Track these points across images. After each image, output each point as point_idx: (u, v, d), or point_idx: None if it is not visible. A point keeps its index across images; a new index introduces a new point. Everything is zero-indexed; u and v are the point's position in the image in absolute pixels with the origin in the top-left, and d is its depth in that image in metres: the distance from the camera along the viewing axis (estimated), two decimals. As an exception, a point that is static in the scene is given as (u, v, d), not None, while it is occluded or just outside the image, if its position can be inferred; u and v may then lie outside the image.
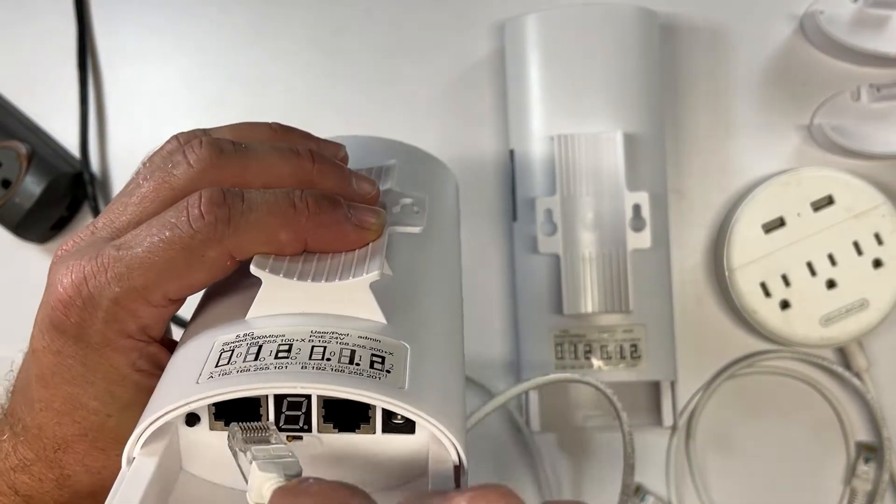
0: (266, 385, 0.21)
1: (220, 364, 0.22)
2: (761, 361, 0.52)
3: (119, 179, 0.54)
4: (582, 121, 0.47)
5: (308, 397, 0.22)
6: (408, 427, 0.22)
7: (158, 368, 0.26)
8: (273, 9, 0.53)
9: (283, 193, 0.25)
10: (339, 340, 0.22)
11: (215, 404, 0.22)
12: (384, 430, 0.22)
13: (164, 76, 0.54)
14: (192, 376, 0.22)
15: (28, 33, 0.54)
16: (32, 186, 0.50)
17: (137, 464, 0.21)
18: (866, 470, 0.51)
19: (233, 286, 0.26)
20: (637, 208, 0.46)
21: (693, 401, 0.51)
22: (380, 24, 0.53)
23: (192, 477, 0.23)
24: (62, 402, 0.27)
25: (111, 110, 0.54)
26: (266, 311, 0.24)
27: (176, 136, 0.27)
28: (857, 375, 0.51)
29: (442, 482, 0.20)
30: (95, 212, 0.53)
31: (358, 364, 0.21)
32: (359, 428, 0.22)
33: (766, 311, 0.49)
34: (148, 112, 0.54)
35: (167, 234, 0.24)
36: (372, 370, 0.21)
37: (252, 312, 0.24)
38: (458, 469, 0.21)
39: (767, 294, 0.49)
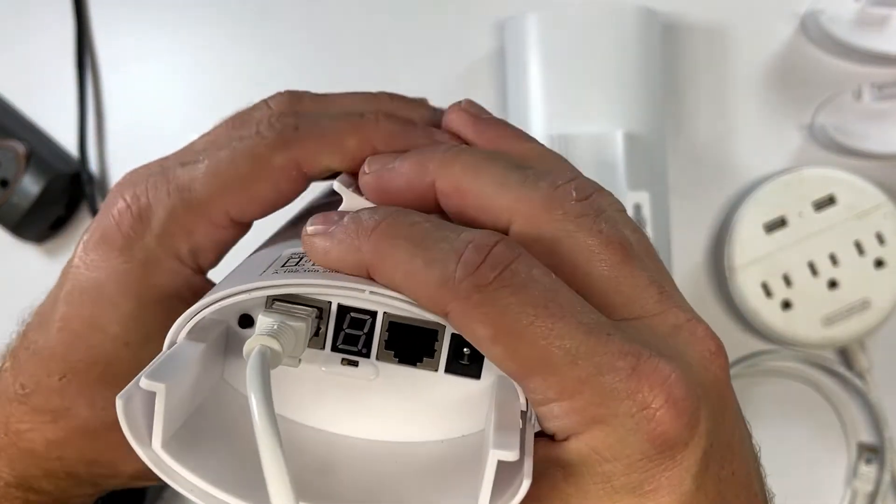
0: (335, 284, 0.19)
1: (286, 265, 0.20)
2: (762, 362, 0.52)
3: (118, 179, 0.54)
4: (582, 120, 0.47)
5: (374, 315, 0.20)
6: (474, 369, 0.20)
7: None
8: (272, 8, 0.53)
9: (353, 111, 0.25)
10: None
11: (274, 301, 0.20)
12: (447, 370, 0.20)
13: (162, 76, 0.54)
14: (255, 273, 0.20)
15: (26, 32, 0.54)
16: (31, 186, 0.50)
17: (180, 346, 0.19)
18: (867, 471, 0.51)
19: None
20: (638, 208, 0.46)
21: (694, 401, 0.51)
22: (380, 24, 0.53)
23: (231, 389, 0.21)
24: (81, 323, 0.25)
25: (109, 110, 0.54)
26: None
27: None
28: (859, 376, 0.51)
29: (506, 431, 0.18)
30: (94, 212, 0.53)
31: None
32: (421, 362, 0.20)
33: (768, 311, 0.49)
34: (146, 112, 0.54)
35: (234, 144, 0.24)
36: None
37: None
38: (524, 416, 0.19)
39: (769, 294, 0.49)
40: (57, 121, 0.54)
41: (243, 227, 0.25)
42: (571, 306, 0.18)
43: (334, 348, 0.20)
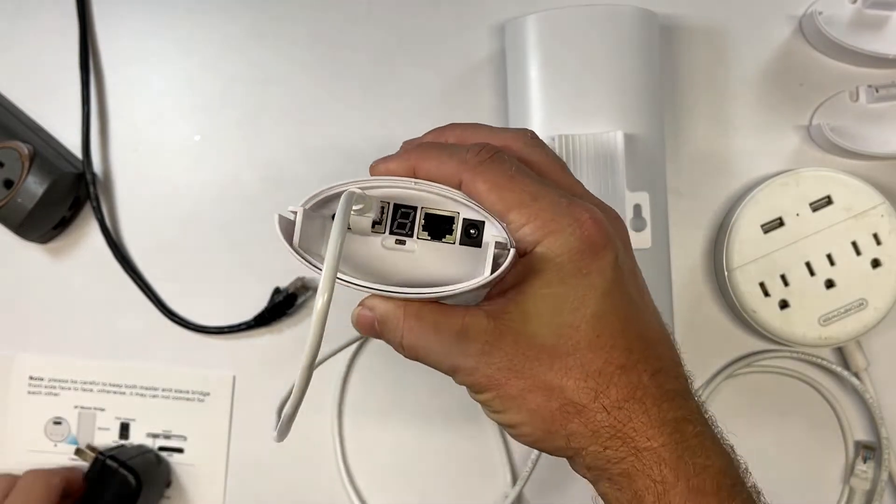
0: (392, 180, 0.31)
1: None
2: (760, 361, 0.52)
3: (121, 179, 0.54)
4: (582, 121, 0.47)
5: (415, 209, 0.32)
6: (477, 241, 0.31)
7: None
8: (273, 10, 0.54)
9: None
10: None
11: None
12: (461, 242, 0.31)
13: (165, 76, 0.54)
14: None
15: (30, 34, 0.54)
16: (34, 187, 0.50)
17: (306, 210, 0.31)
18: (865, 469, 0.51)
19: None
20: (638, 208, 0.46)
21: (692, 400, 0.52)
22: (380, 25, 0.53)
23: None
24: None
25: (113, 111, 0.54)
26: None
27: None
28: (856, 375, 0.51)
29: (500, 234, 0.30)
30: (98, 212, 0.53)
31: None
32: (444, 238, 0.31)
33: (766, 311, 0.49)
34: (149, 112, 0.54)
35: None
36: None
37: None
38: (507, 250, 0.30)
39: (766, 294, 0.49)
40: (61, 122, 0.54)
41: None
42: (532, 174, 0.31)
43: (391, 232, 0.32)
